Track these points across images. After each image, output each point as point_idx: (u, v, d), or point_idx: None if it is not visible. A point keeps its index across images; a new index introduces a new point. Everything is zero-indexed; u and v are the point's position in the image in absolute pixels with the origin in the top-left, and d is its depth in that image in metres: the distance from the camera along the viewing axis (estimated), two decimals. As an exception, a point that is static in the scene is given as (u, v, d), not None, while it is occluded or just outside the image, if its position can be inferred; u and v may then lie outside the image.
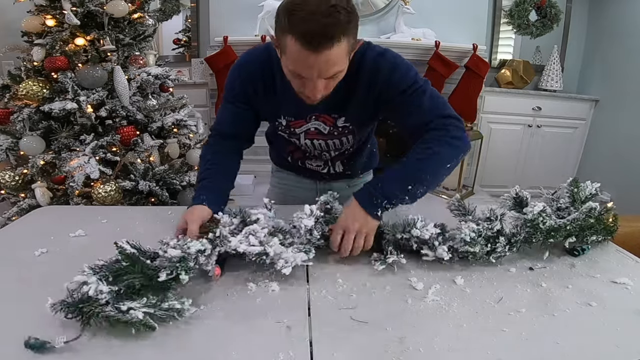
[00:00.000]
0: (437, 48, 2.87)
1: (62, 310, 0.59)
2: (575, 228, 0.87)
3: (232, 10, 2.92)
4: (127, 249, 0.68)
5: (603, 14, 3.26)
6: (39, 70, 1.74)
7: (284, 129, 1.04)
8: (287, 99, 0.94)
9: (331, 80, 0.82)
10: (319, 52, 0.73)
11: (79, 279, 0.62)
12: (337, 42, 0.73)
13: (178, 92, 2.22)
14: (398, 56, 0.92)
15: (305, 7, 0.71)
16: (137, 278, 0.65)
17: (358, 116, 0.99)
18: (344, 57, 0.78)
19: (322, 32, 0.71)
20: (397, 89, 0.89)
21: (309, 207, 0.85)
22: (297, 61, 0.76)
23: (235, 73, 0.98)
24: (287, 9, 0.73)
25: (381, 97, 0.92)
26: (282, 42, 0.77)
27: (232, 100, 1.00)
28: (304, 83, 0.81)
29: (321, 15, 0.70)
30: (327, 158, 1.14)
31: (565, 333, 0.64)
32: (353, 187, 1.25)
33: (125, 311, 0.59)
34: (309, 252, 0.79)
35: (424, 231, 0.83)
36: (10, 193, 1.81)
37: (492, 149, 3.33)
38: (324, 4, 0.71)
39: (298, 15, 0.71)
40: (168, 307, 0.62)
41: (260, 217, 0.82)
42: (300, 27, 0.71)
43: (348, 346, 0.60)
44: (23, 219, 1.06)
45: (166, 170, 1.89)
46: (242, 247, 0.76)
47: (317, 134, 1.03)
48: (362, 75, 0.90)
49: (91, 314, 0.59)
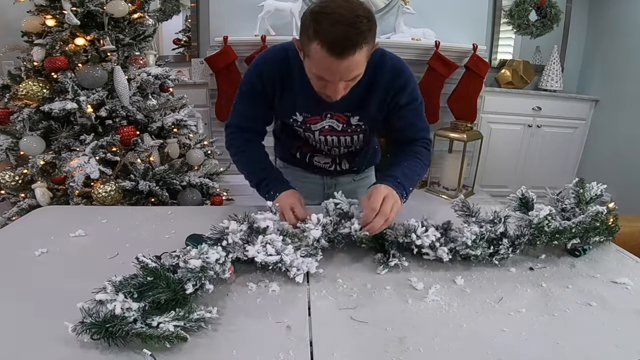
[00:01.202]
0: (437, 48, 2.87)
1: (85, 332, 0.57)
2: (580, 230, 0.87)
3: (232, 10, 2.92)
4: (149, 264, 0.67)
5: (603, 14, 3.26)
6: (39, 70, 1.74)
7: (300, 124, 1.08)
8: (304, 96, 0.99)
9: (351, 82, 0.88)
10: (343, 58, 0.78)
11: (102, 297, 0.61)
12: (359, 49, 0.78)
13: (178, 92, 2.22)
14: (411, 70, 1.03)
15: (332, 15, 0.76)
16: (163, 292, 0.64)
17: (372, 115, 1.04)
18: (364, 62, 0.84)
19: (346, 40, 0.76)
20: (408, 99, 1.01)
21: (316, 216, 0.87)
22: (322, 66, 0.82)
23: (254, 71, 1.02)
24: (314, 17, 0.78)
25: (392, 102, 1.01)
26: (306, 47, 0.82)
27: (250, 95, 1.04)
28: (325, 85, 0.87)
29: (346, 25, 0.75)
30: (335, 154, 1.19)
31: (565, 333, 0.64)
32: (358, 180, 1.30)
33: (155, 326, 0.59)
34: (316, 254, 0.80)
35: (424, 238, 0.83)
36: (10, 193, 1.81)
37: (492, 149, 3.33)
38: (349, 13, 0.76)
39: (325, 24, 0.76)
40: (198, 317, 0.62)
41: (269, 224, 0.82)
42: (326, 35, 0.76)
43: (348, 346, 0.60)
44: (23, 219, 1.06)
45: (166, 170, 1.89)
46: (260, 256, 0.76)
47: (330, 130, 1.08)
48: (382, 77, 0.98)
49: (120, 332, 0.57)
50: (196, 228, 0.97)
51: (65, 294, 0.68)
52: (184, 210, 1.16)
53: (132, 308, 0.60)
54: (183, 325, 0.60)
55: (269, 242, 0.78)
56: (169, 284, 0.65)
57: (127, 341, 0.57)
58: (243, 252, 0.77)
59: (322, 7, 0.78)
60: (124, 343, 0.57)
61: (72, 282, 0.73)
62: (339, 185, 1.27)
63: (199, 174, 2.08)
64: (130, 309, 0.60)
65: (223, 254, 0.73)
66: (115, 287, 0.63)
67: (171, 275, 0.67)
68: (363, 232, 0.85)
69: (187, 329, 0.60)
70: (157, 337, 0.57)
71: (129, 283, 0.65)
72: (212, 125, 3.14)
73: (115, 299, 0.60)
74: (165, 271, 0.67)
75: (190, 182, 2.00)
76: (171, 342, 0.57)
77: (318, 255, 0.81)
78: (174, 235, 0.94)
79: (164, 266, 0.70)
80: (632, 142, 2.99)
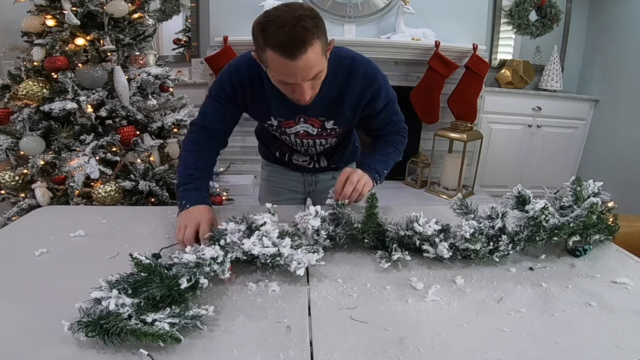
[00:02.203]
0: (437, 48, 2.87)
1: (80, 330, 0.57)
2: (579, 226, 0.87)
3: (232, 10, 2.92)
4: (143, 260, 0.66)
5: (603, 14, 3.25)
6: (39, 70, 1.74)
7: (275, 128, 1.10)
8: (277, 101, 1.01)
9: (315, 80, 0.89)
10: (297, 58, 0.80)
11: (97, 294, 0.61)
12: (309, 46, 0.80)
13: (178, 92, 2.22)
14: None
15: (275, 22, 0.79)
16: (157, 288, 0.64)
17: (346, 120, 1.07)
18: (320, 58, 0.85)
19: (294, 40, 0.79)
20: (382, 101, 1.04)
21: (314, 207, 0.88)
22: (280, 70, 0.84)
23: (225, 75, 1.03)
24: (260, 27, 0.82)
25: (368, 106, 1.04)
26: (262, 57, 0.85)
27: (220, 99, 1.04)
28: (292, 89, 0.89)
29: (291, 27, 0.78)
30: (312, 153, 1.23)
31: (565, 333, 0.64)
32: None
33: (150, 323, 0.58)
34: (318, 252, 0.80)
35: (427, 227, 0.83)
36: (10, 193, 1.81)
37: (492, 149, 3.33)
38: (290, 16, 0.79)
39: (271, 30, 0.79)
40: (193, 315, 0.62)
41: (266, 220, 0.82)
42: (275, 39, 0.79)
43: (348, 346, 0.60)
44: (23, 219, 1.06)
45: (166, 170, 1.89)
46: (256, 249, 0.76)
47: (306, 135, 1.11)
48: (355, 84, 0.99)
49: (115, 329, 0.56)
50: (196, 228, 0.97)
51: (65, 293, 0.68)
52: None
53: (126, 304, 0.60)
54: (178, 323, 0.60)
55: (264, 234, 0.78)
56: (162, 279, 0.65)
57: (122, 339, 0.57)
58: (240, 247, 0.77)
59: (266, 16, 0.82)
60: (120, 341, 0.57)
61: (72, 282, 0.73)
62: (319, 182, 1.34)
63: (199, 174, 2.08)
64: (124, 305, 0.60)
65: (221, 253, 0.73)
66: (110, 284, 0.63)
67: (165, 271, 0.67)
68: (340, 202, 0.93)
69: (183, 327, 0.60)
70: (151, 334, 0.57)
71: (125, 280, 0.65)
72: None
73: (109, 296, 0.60)
74: (159, 267, 0.67)
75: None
76: (165, 341, 0.57)
77: (320, 252, 0.80)
78: (173, 235, 0.94)
79: (158, 262, 0.70)
80: (632, 142, 2.99)
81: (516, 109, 3.26)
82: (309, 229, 0.84)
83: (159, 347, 0.58)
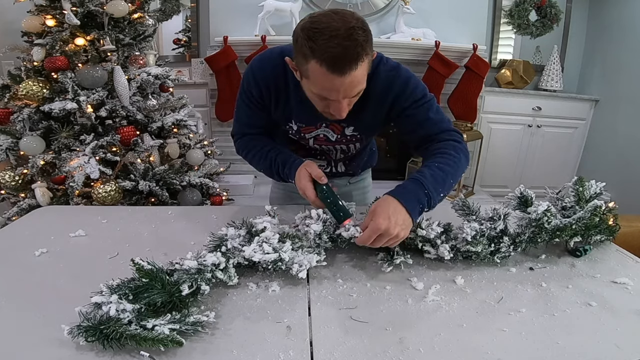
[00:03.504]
0: (437, 48, 2.87)
1: (80, 334, 0.57)
2: (581, 227, 0.87)
3: (232, 10, 2.92)
4: (145, 266, 0.66)
5: (603, 14, 3.25)
6: (39, 70, 1.74)
7: (294, 133, 1.05)
8: (300, 107, 0.96)
9: (354, 98, 0.84)
10: (345, 75, 0.74)
11: (98, 299, 0.61)
12: (361, 62, 0.74)
13: (178, 92, 2.22)
14: (409, 71, 0.96)
15: (326, 31, 0.71)
16: (158, 294, 0.63)
17: (367, 126, 1.01)
18: (365, 75, 0.79)
19: (346, 56, 0.72)
20: (409, 101, 0.92)
21: (315, 211, 0.87)
22: (323, 85, 0.77)
23: (250, 75, 0.98)
24: (307, 35, 0.73)
25: (393, 109, 0.94)
26: (302, 66, 0.78)
27: (249, 102, 1.00)
28: (328, 104, 0.83)
29: (343, 39, 0.71)
30: (330, 159, 1.17)
31: (565, 333, 0.64)
32: (354, 183, 1.30)
33: (150, 329, 0.58)
34: (320, 254, 0.80)
35: (429, 230, 0.83)
36: (10, 193, 1.82)
37: (492, 149, 3.33)
38: (342, 27, 0.71)
39: (320, 40, 0.72)
40: (194, 321, 0.61)
41: (266, 225, 0.81)
42: (324, 52, 0.72)
43: (348, 346, 0.60)
44: (23, 219, 1.06)
45: (166, 170, 1.89)
46: (257, 256, 0.75)
47: (325, 140, 1.06)
48: (375, 88, 0.92)
49: (115, 335, 0.56)
50: (196, 228, 0.97)
51: (65, 294, 0.68)
52: (184, 210, 1.16)
53: (127, 309, 0.59)
54: (179, 329, 0.59)
55: (264, 240, 0.78)
56: (164, 285, 0.65)
57: (122, 344, 0.57)
58: (240, 253, 0.76)
59: (314, 22, 0.73)
60: (119, 346, 0.57)
61: (72, 282, 0.73)
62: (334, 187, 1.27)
63: (199, 174, 2.09)
64: (125, 311, 0.59)
65: (223, 260, 0.73)
66: (110, 289, 0.63)
67: (167, 277, 0.67)
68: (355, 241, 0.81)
69: (183, 332, 0.60)
70: (151, 339, 0.56)
71: (126, 285, 0.64)
72: (212, 125, 3.14)
73: (110, 301, 0.60)
74: (160, 273, 0.67)
75: (190, 182, 2.00)
76: (165, 345, 0.57)
77: (322, 254, 0.80)
78: (173, 235, 0.94)
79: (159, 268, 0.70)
80: (632, 142, 2.99)
81: (516, 109, 3.26)
82: (311, 233, 0.83)
83: (159, 350, 0.57)
